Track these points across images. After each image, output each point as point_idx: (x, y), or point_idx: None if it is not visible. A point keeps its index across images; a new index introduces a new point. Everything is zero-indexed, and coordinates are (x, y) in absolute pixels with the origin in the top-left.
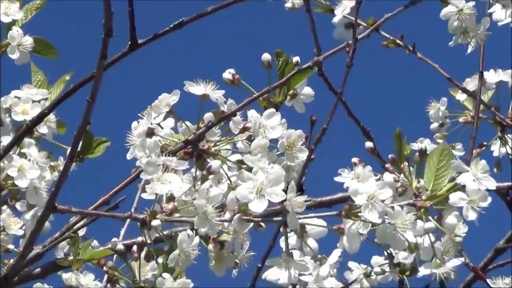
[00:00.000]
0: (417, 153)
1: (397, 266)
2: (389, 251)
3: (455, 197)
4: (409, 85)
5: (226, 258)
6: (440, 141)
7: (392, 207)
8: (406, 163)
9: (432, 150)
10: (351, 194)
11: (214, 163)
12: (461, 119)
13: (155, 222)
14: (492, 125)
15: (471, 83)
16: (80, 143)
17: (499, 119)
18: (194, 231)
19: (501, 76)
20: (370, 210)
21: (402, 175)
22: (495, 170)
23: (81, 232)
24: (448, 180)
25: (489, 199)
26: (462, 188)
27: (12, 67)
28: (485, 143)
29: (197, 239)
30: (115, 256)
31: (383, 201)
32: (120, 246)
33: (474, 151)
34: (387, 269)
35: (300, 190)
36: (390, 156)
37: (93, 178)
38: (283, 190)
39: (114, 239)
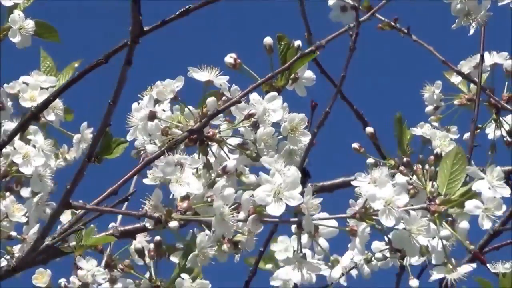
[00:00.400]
0: (432, 157)
1: (398, 252)
2: (389, 237)
3: (470, 205)
4: (404, 68)
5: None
6: (435, 124)
7: (408, 213)
8: (420, 166)
9: (445, 154)
10: (369, 199)
11: (229, 163)
12: (456, 102)
13: (173, 224)
14: (487, 107)
15: (465, 66)
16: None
17: (494, 101)
18: (209, 230)
19: (496, 58)
20: (387, 216)
21: (414, 177)
22: (489, 152)
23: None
24: (461, 184)
25: (504, 208)
26: (478, 194)
27: (21, 52)
28: (480, 126)
29: (214, 238)
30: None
31: (399, 206)
32: (138, 245)
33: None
34: (388, 254)
35: (304, 174)
36: (405, 159)
37: (101, 168)
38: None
39: (112, 224)
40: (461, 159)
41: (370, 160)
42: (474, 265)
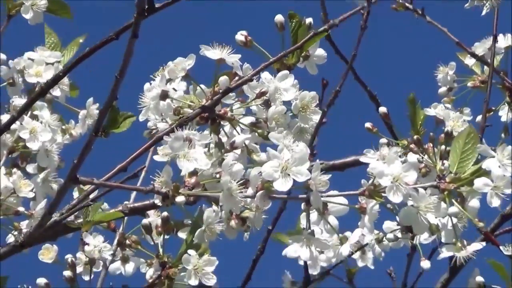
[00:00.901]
0: (443, 135)
1: (410, 232)
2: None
3: (479, 183)
4: (418, 50)
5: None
6: (448, 105)
7: (416, 190)
8: (431, 144)
9: (458, 133)
10: (377, 175)
11: (238, 138)
12: (469, 84)
13: (180, 199)
14: (500, 90)
15: (480, 48)
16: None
17: (507, 84)
18: (217, 205)
19: (510, 41)
20: (395, 192)
21: (426, 156)
22: (502, 135)
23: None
24: (473, 163)
25: None
26: (487, 172)
27: (26, 28)
28: (493, 108)
29: (221, 215)
30: (125, 220)
31: (407, 183)
32: (145, 221)
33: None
34: (399, 235)
35: (311, 154)
36: (415, 137)
37: (108, 143)
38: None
39: (126, 202)
40: (474, 139)
41: (383, 140)
42: (484, 243)
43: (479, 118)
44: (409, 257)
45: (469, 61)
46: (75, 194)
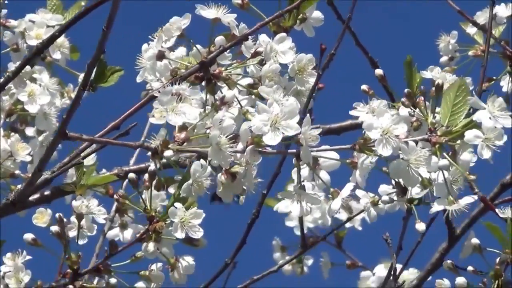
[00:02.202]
0: (433, 88)
1: (405, 195)
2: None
3: (470, 135)
4: (419, 18)
5: (235, 185)
6: (449, 74)
7: (407, 143)
8: (422, 98)
9: (449, 86)
10: (365, 128)
11: (228, 93)
12: (470, 53)
13: (168, 153)
14: (502, 59)
15: (481, 17)
16: (94, 72)
17: (509, 53)
18: (206, 161)
19: (511, 10)
20: (384, 145)
21: (417, 110)
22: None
23: (92, 161)
24: (464, 116)
25: (505, 138)
26: (478, 125)
27: None
28: (494, 78)
29: (209, 169)
30: (124, 185)
31: (397, 136)
32: (132, 175)
33: (484, 83)
34: (395, 198)
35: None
36: (406, 90)
37: (103, 103)
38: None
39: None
40: (464, 91)
41: (364, 87)
42: (475, 196)
43: None
44: (404, 220)
45: (471, 30)
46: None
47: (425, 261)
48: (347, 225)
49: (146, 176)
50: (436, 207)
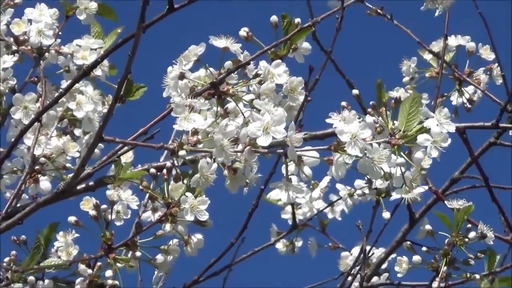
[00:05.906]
0: (393, 101)
1: (375, 189)
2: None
3: (421, 138)
4: (386, 46)
5: (239, 179)
6: (410, 91)
7: (371, 144)
8: (384, 108)
9: (405, 98)
10: (338, 133)
11: (230, 105)
12: (427, 74)
13: (181, 152)
14: (452, 79)
15: (436, 46)
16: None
17: (457, 75)
18: (212, 159)
19: (460, 40)
20: (353, 147)
21: (380, 118)
22: (453, 115)
23: (130, 159)
24: (417, 123)
25: (449, 141)
26: (428, 130)
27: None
28: (446, 94)
29: (215, 165)
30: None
31: (364, 139)
32: (152, 170)
33: (438, 99)
34: (367, 191)
35: (300, 125)
36: (371, 102)
37: (135, 114)
38: (285, 128)
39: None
40: (417, 102)
41: (343, 103)
42: (426, 187)
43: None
44: (374, 209)
45: (428, 56)
46: None
47: (391, 239)
48: (330, 215)
49: (164, 170)
50: (395, 195)
